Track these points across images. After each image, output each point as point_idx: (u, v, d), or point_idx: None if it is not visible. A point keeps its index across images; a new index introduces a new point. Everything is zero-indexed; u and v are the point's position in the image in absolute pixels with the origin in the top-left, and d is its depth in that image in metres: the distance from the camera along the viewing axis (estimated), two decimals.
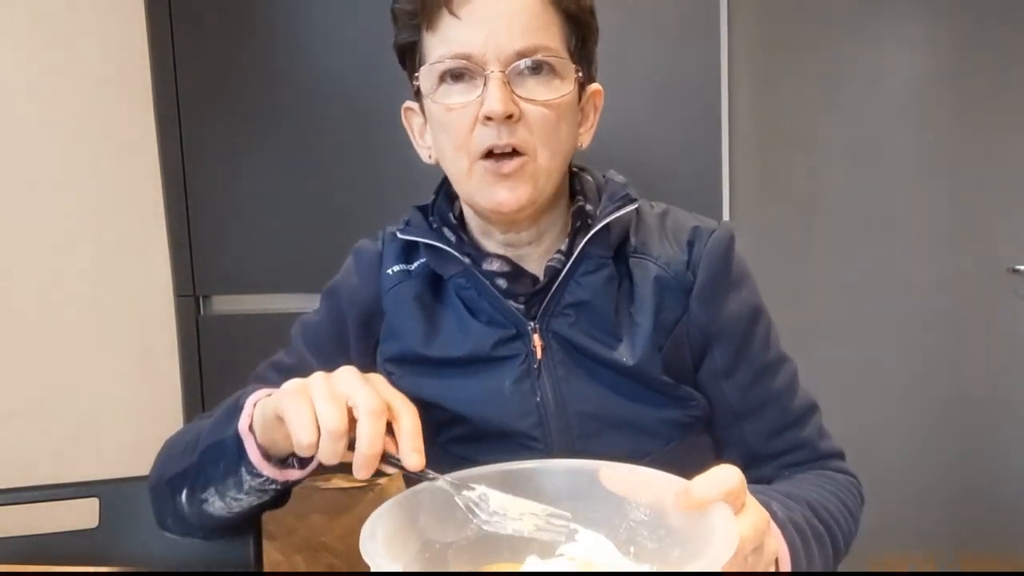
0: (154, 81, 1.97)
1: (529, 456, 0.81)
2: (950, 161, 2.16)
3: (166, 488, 0.84)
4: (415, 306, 0.88)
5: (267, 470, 0.73)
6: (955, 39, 2.14)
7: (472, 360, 0.86)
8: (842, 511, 0.83)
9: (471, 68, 0.78)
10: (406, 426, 0.64)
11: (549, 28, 0.80)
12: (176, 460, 0.83)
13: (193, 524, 0.84)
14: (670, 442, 0.85)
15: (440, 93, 0.81)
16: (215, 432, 0.77)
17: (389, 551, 0.58)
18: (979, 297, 2.19)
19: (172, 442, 0.89)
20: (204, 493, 0.79)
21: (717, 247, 0.88)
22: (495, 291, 0.85)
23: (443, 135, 0.83)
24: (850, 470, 0.91)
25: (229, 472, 0.75)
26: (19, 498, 1.10)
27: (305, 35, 1.95)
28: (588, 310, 0.85)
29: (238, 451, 0.73)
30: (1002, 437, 2.22)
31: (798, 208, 2.20)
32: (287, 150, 1.98)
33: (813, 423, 0.91)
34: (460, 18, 0.78)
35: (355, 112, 1.94)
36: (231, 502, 0.78)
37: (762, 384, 0.89)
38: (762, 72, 2.18)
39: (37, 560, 1.07)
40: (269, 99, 1.97)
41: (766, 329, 0.90)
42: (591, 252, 0.85)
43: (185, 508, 0.82)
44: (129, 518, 1.10)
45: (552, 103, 0.79)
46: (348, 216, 1.90)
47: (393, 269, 0.91)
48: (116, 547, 1.09)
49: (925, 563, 2.23)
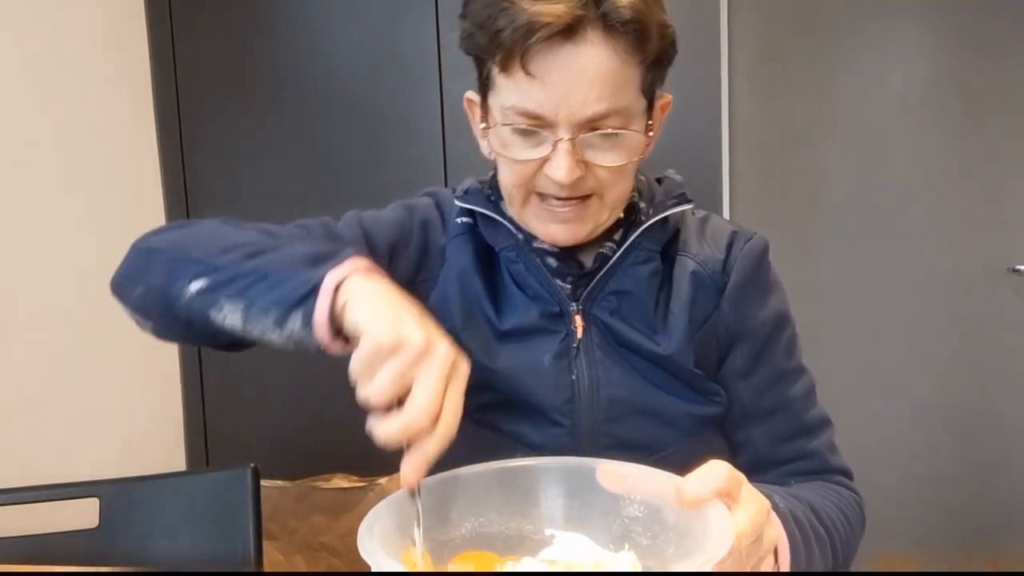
0: (154, 81, 1.97)
1: (553, 431, 0.84)
2: (950, 161, 2.16)
3: (170, 261, 0.75)
4: (475, 262, 0.89)
5: (322, 332, 0.65)
6: (955, 40, 2.14)
7: (514, 332, 0.87)
8: (843, 521, 0.83)
9: (540, 129, 0.77)
10: (426, 447, 0.60)
11: (626, 84, 0.77)
12: (201, 247, 0.75)
13: (175, 310, 0.74)
14: (690, 436, 0.86)
15: (507, 137, 0.80)
16: (287, 262, 0.69)
17: (387, 548, 0.58)
18: (979, 297, 2.19)
19: (190, 229, 0.80)
20: (225, 301, 0.70)
21: (752, 252, 0.90)
22: (543, 268, 0.87)
23: (504, 168, 0.83)
24: (856, 488, 0.91)
25: (276, 305, 0.67)
26: (19, 498, 1.10)
27: (305, 35, 1.95)
28: (630, 299, 0.86)
29: (304, 296, 0.66)
30: (1002, 437, 2.23)
31: (798, 208, 2.20)
32: (287, 149, 1.98)
33: (824, 437, 0.91)
34: (535, 77, 0.75)
35: (356, 111, 1.94)
36: (252, 327, 0.69)
37: (778, 389, 0.89)
38: (762, 73, 2.18)
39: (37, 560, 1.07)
40: (269, 98, 1.97)
41: (790, 338, 0.91)
42: (642, 244, 0.87)
43: (183, 296, 0.72)
44: (129, 518, 1.10)
45: (620, 166, 0.79)
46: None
47: (461, 219, 0.91)
48: (116, 547, 1.09)
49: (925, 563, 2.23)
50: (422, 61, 1.91)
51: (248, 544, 1.08)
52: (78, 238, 1.74)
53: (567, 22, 0.72)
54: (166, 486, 1.13)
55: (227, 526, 1.10)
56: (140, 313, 0.79)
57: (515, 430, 0.85)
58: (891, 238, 2.20)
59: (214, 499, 1.12)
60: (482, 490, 0.68)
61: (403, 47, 1.92)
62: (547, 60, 0.74)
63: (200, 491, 1.12)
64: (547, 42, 0.73)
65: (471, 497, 0.68)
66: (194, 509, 1.11)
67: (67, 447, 1.68)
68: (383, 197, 2.04)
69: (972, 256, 2.18)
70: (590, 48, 0.74)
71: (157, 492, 1.12)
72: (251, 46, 1.96)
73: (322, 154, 1.96)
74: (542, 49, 0.73)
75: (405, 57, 1.92)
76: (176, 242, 0.78)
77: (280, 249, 0.72)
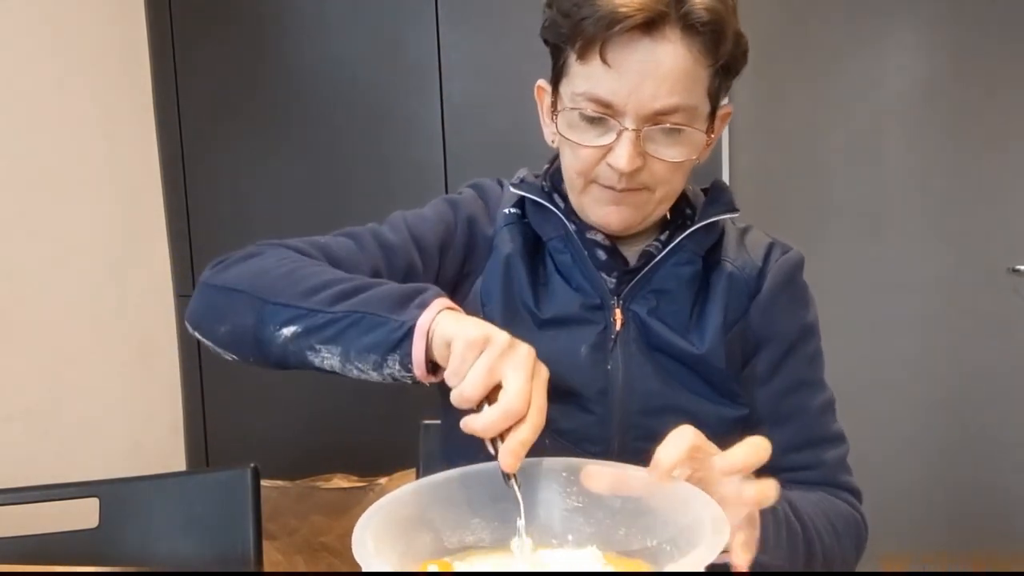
0: (154, 81, 1.97)
1: (584, 419, 0.86)
2: (950, 161, 2.16)
3: (255, 303, 0.77)
4: (522, 251, 0.91)
5: (420, 372, 0.70)
6: (955, 40, 2.14)
7: (554, 320, 0.89)
8: (828, 529, 0.83)
9: (607, 117, 0.80)
10: (521, 433, 0.63)
11: (695, 84, 0.80)
12: (284, 288, 0.77)
13: (269, 351, 0.77)
14: (716, 435, 0.86)
15: (575, 122, 0.82)
16: (376, 304, 0.72)
17: (379, 552, 0.58)
18: (979, 297, 2.19)
19: (261, 262, 0.82)
20: (322, 345, 0.73)
21: (788, 263, 0.93)
22: (589, 260, 0.89)
23: (568, 153, 0.85)
24: (859, 508, 0.91)
25: (374, 350, 0.70)
26: (19, 498, 1.10)
27: (305, 35, 1.95)
28: (668, 298, 0.89)
29: (400, 340, 0.69)
30: (1002, 436, 2.22)
31: (798, 208, 2.20)
32: (287, 149, 1.98)
33: (837, 453, 0.91)
34: (611, 66, 0.77)
35: (356, 111, 1.94)
36: (352, 369, 0.73)
37: (795, 398, 0.91)
38: (762, 73, 2.18)
39: (37, 560, 1.07)
40: (269, 99, 1.97)
41: (813, 351, 0.93)
42: (686, 246, 0.89)
43: (277, 339, 0.75)
44: (129, 518, 1.10)
45: (678, 162, 0.82)
46: (349, 215, 1.89)
47: (510, 210, 0.93)
48: (116, 547, 1.09)
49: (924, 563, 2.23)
50: (422, 61, 1.91)
51: (248, 544, 1.08)
52: (78, 238, 1.74)
53: (648, 16, 0.75)
54: (166, 486, 1.13)
55: (227, 526, 1.10)
56: (227, 349, 0.81)
57: (548, 416, 0.86)
58: (891, 238, 2.20)
59: (214, 499, 1.11)
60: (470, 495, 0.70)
61: (403, 47, 1.92)
62: (624, 51, 0.77)
63: (200, 491, 1.12)
64: (627, 34, 0.76)
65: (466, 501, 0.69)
66: (194, 509, 1.11)
67: (67, 447, 1.68)
68: (383, 197, 2.06)
69: (972, 256, 2.18)
70: (667, 44, 0.77)
71: (157, 492, 1.12)
72: (251, 46, 1.96)
73: (322, 154, 1.96)
74: (621, 40, 0.76)
75: (405, 57, 1.92)
76: (254, 280, 0.80)
77: (368, 289, 0.75)
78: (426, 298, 0.71)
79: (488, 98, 1.91)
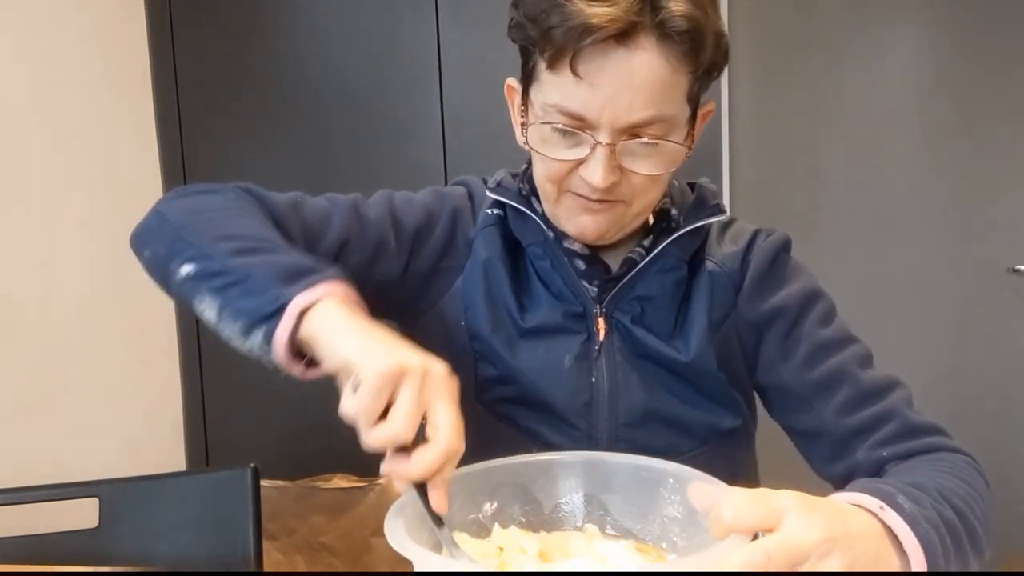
0: (154, 81, 1.97)
1: (570, 433, 0.84)
2: (950, 161, 2.16)
3: (173, 235, 0.75)
4: (502, 254, 0.88)
5: (280, 353, 0.65)
6: (955, 40, 2.14)
7: (536, 329, 0.86)
8: (974, 496, 0.75)
9: (581, 131, 0.76)
10: (448, 471, 0.61)
11: (673, 92, 0.75)
12: (203, 229, 0.74)
13: (169, 285, 0.75)
14: (705, 444, 0.86)
15: (547, 135, 0.78)
16: (268, 269, 0.69)
17: (411, 535, 0.58)
18: (979, 297, 2.19)
19: (207, 200, 0.80)
20: (207, 294, 0.70)
21: (770, 245, 0.89)
22: (570, 267, 0.86)
23: (539, 163, 0.82)
24: (960, 447, 0.82)
25: (244, 316, 0.67)
26: (19, 498, 1.10)
27: (305, 34, 1.95)
28: (653, 306, 0.86)
29: (270, 314, 0.65)
30: (1003, 437, 2.22)
31: (798, 208, 2.20)
32: (288, 148, 1.98)
33: (897, 395, 0.84)
34: (582, 79, 0.73)
35: (356, 110, 1.94)
36: (224, 328, 0.69)
37: (821, 361, 0.84)
38: (762, 73, 2.18)
39: (37, 560, 1.07)
40: (269, 98, 1.97)
41: (823, 312, 0.88)
42: (670, 252, 0.86)
43: (175, 275, 0.73)
44: (129, 518, 1.10)
45: (655, 176, 0.78)
46: None
47: (492, 211, 0.90)
48: (116, 547, 1.09)
49: None
50: (422, 61, 1.91)
51: (248, 544, 1.08)
52: (78, 238, 1.74)
53: (622, 27, 0.71)
54: (166, 486, 1.13)
55: (227, 526, 1.10)
56: (150, 275, 0.79)
57: (532, 427, 0.86)
58: (890, 238, 2.20)
59: (214, 499, 1.11)
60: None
61: (403, 47, 1.92)
62: (597, 63, 0.72)
63: (200, 491, 1.12)
64: (599, 45, 0.71)
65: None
66: (194, 509, 1.11)
67: (67, 447, 1.68)
68: None
69: (972, 256, 2.18)
70: (642, 54, 0.72)
71: (157, 492, 1.12)
72: (251, 46, 1.96)
73: (322, 153, 1.96)
74: (593, 51, 0.72)
75: (405, 57, 1.92)
76: (187, 215, 0.78)
77: (271, 252, 0.72)
78: (314, 279, 0.67)
79: (488, 98, 1.91)
